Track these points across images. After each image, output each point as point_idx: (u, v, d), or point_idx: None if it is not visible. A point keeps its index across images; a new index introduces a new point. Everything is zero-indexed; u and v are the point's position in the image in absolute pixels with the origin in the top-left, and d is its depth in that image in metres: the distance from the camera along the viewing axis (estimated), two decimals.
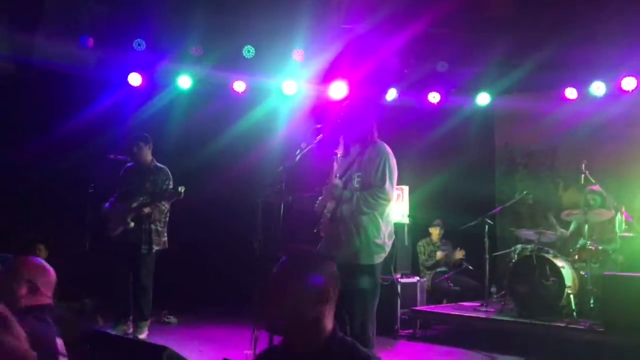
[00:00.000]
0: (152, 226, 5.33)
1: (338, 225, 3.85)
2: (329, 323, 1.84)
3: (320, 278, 1.84)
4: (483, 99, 8.03)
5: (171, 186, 5.38)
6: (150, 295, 5.42)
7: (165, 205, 5.36)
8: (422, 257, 7.57)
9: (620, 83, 7.02)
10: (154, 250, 5.37)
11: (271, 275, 1.87)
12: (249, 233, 3.55)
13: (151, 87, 7.34)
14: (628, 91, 7.07)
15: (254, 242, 3.50)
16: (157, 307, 5.96)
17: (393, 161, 3.89)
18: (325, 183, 4.13)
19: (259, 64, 7.23)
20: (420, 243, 7.61)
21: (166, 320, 6.40)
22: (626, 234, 5.91)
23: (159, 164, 5.60)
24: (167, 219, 5.45)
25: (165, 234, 5.47)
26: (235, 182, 6.91)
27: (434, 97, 8.05)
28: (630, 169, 7.13)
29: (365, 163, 3.87)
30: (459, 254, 7.35)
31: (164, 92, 7.39)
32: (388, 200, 3.84)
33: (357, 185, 3.85)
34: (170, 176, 5.49)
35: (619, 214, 5.82)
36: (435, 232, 7.60)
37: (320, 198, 3.98)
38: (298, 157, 3.73)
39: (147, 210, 5.28)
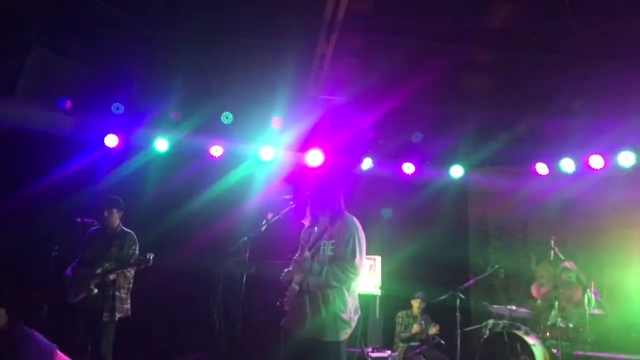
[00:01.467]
0: (116, 293, 5.18)
1: (304, 298, 3.78)
2: None
3: None
4: (456, 171, 8.17)
5: (137, 252, 5.27)
6: None
7: (131, 272, 5.23)
8: (398, 328, 7.42)
9: (587, 161, 7.21)
10: (116, 318, 5.19)
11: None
12: (210, 304, 3.45)
13: (127, 149, 7.34)
14: (595, 169, 7.26)
15: (214, 316, 3.40)
16: None
17: (362, 234, 3.88)
18: (293, 252, 4.10)
19: (237, 130, 7.31)
20: (399, 314, 7.48)
21: None
22: (596, 312, 5.89)
23: (125, 228, 5.51)
24: (131, 285, 5.31)
25: (129, 301, 5.31)
26: (206, 249, 6.79)
27: (408, 168, 8.16)
28: (598, 245, 7.23)
29: (334, 234, 3.85)
30: (434, 329, 7.22)
31: (140, 155, 7.38)
32: (357, 274, 3.80)
33: (330, 254, 3.81)
34: (136, 241, 5.40)
35: (588, 291, 5.82)
36: (416, 304, 7.48)
37: (286, 270, 3.92)
38: (264, 227, 3.70)
39: (112, 276, 5.14)
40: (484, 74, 7.18)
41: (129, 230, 5.50)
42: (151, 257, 5.05)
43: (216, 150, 7.51)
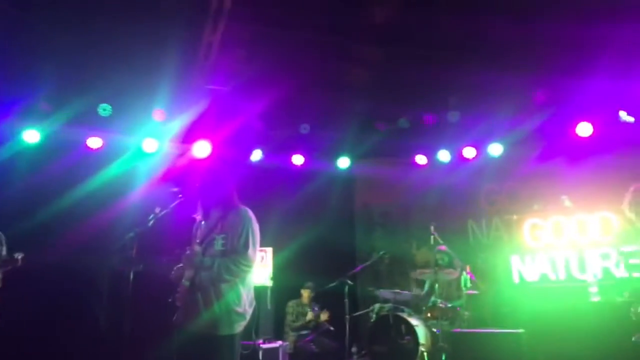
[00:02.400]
0: None
1: (196, 293, 3.67)
2: None
3: None
4: (343, 162, 8.40)
5: (4, 252, 4.82)
6: None
7: None
8: (289, 318, 7.48)
9: (462, 152, 7.74)
10: None
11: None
12: (94, 305, 3.24)
13: None
14: (469, 159, 7.81)
15: (100, 315, 3.20)
16: None
17: (256, 226, 3.83)
18: (183, 247, 3.96)
19: (117, 122, 6.90)
20: (290, 303, 7.55)
21: None
22: (471, 292, 6.37)
23: None
24: None
25: None
26: (83, 247, 6.34)
27: (297, 160, 8.24)
28: (472, 231, 7.86)
29: (227, 228, 3.77)
30: (325, 316, 7.39)
31: (6, 146, 6.72)
32: (250, 267, 3.75)
33: (222, 248, 3.71)
34: (3, 240, 4.93)
35: (464, 273, 6.27)
36: (306, 294, 7.59)
37: (176, 266, 3.78)
38: (151, 222, 3.54)
39: None
40: (367, 68, 7.42)
41: None
42: (20, 258, 4.65)
43: (94, 142, 7.05)
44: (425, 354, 5.89)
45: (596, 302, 5.18)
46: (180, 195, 3.83)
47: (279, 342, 6.77)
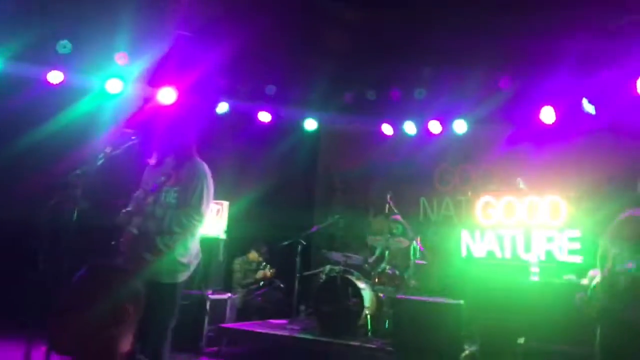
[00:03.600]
0: None
1: (142, 241, 3.65)
2: (125, 344, 1.71)
3: (119, 295, 1.70)
4: (310, 124, 8.36)
5: None
6: None
7: None
8: (237, 275, 7.55)
9: (427, 125, 7.79)
10: None
11: (65, 289, 1.72)
12: (33, 242, 3.18)
13: None
14: (434, 134, 7.88)
15: (39, 253, 3.15)
16: None
17: (210, 182, 3.81)
18: (132, 192, 3.91)
19: (78, 61, 6.65)
20: (237, 261, 7.59)
21: None
22: (420, 262, 6.52)
23: None
24: None
25: None
26: (39, 188, 6.16)
27: (264, 117, 8.17)
28: (428, 205, 8.03)
29: (182, 180, 3.73)
30: (270, 272, 7.47)
31: None
32: (202, 221, 3.75)
33: (174, 202, 3.69)
34: None
35: (414, 243, 6.40)
36: (253, 254, 7.64)
37: (124, 210, 3.74)
38: (100, 161, 3.47)
39: None
40: (342, 29, 7.30)
41: None
42: None
43: (55, 77, 6.80)
44: (369, 317, 6.04)
45: (536, 281, 5.37)
46: (133, 137, 3.75)
47: (228, 294, 6.85)
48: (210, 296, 6.38)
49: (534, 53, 6.17)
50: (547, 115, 6.98)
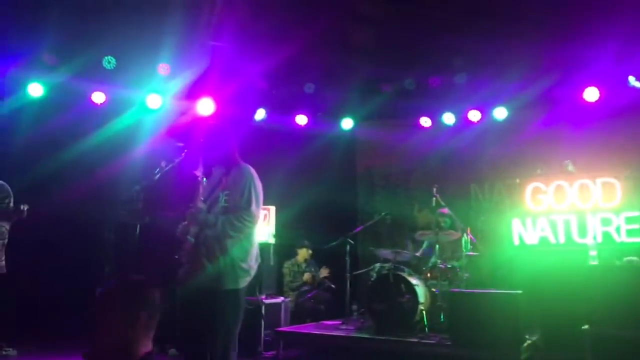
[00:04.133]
0: None
1: (201, 250, 3.72)
2: (143, 346, 1.93)
3: (134, 303, 1.94)
4: (347, 123, 8.38)
5: (12, 204, 4.86)
6: None
7: (5, 227, 4.82)
8: (287, 279, 7.61)
9: (467, 114, 7.70)
10: None
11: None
12: (100, 255, 3.28)
13: None
14: (474, 122, 7.79)
15: (105, 266, 3.25)
16: None
17: (258, 183, 3.86)
18: (188, 204, 3.99)
19: (121, 76, 6.87)
20: (286, 264, 7.66)
21: (4, 352, 5.75)
22: (471, 253, 6.44)
23: None
24: (7, 240, 4.90)
25: (3, 258, 4.91)
26: (87, 199, 6.38)
27: (301, 120, 8.22)
28: (475, 194, 7.89)
29: (230, 185, 3.79)
30: (324, 272, 7.51)
31: (11, 99, 6.70)
32: (254, 222, 3.79)
33: (226, 205, 3.74)
34: (11, 193, 4.96)
35: (465, 235, 6.32)
36: (302, 253, 7.70)
37: (182, 223, 3.82)
38: (157, 175, 3.55)
39: None
40: (373, 28, 7.29)
41: (1, 182, 5.04)
42: (25, 209, 4.68)
43: (98, 97, 7.02)
44: (424, 312, 6.00)
45: (594, 265, 5.23)
46: (185, 151, 3.83)
47: (281, 298, 6.92)
48: (265, 301, 6.45)
49: (576, 32, 6.02)
50: (591, 94, 6.82)
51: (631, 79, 6.14)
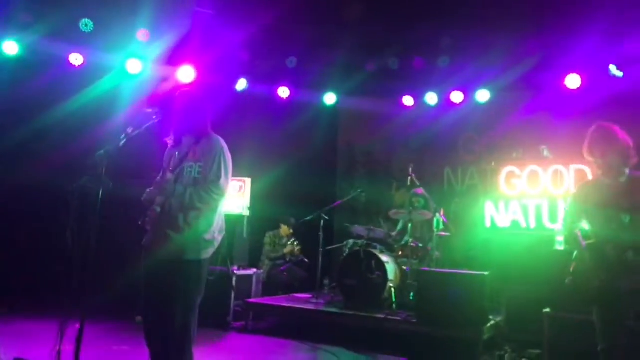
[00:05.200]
0: None
1: (165, 219, 3.69)
2: None
3: None
4: (330, 98, 8.32)
5: None
6: None
7: None
8: (267, 248, 7.63)
9: (449, 95, 7.68)
10: None
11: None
12: (63, 221, 3.26)
13: None
14: (456, 103, 7.77)
15: (67, 231, 3.22)
16: None
17: (228, 155, 3.80)
18: (155, 171, 3.95)
19: (99, 40, 6.72)
20: (268, 234, 7.68)
21: None
22: (443, 234, 6.49)
23: None
24: None
25: None
26: (62, 167, 6.29)
27: (283, 92, 8.14)
28: (452, 176, 7.94)
29: (199, 156, 3.75)
30: (297, 249, 7.54)
31: None
32: (222, 195, 3.74)
33: (197, 176, 3.70)
34: None
35: (437, 215, 6.36)
36: (284, 229, 7.71)
37: (148, 190, 3.78)
38: (123, 141, 3.50)
39: None
40: (358, 3, 7.19)
41: None
42: None
43: (76, 59, 6.88)
44: (393, 289, 6.07)
45: (561, 250, 5.30)
46: (154, 117, 3.76)
47: (253, 270, 6.94)
48: (236, 272, 6.47)
49: (560, 20, 5.99)
50: (572, 81, 6.82)
51: (612, 68, 6.14)
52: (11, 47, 6.58)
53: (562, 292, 4.83)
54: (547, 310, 4.84)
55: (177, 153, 3.78)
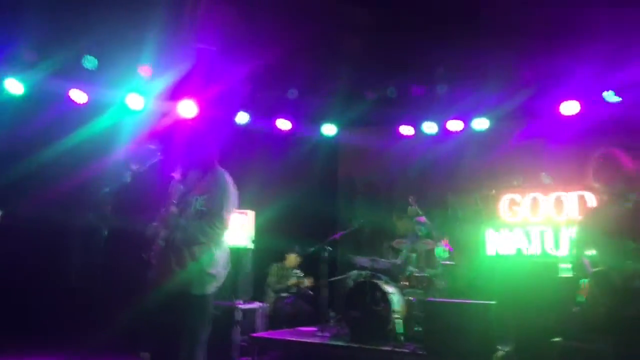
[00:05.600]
0: None
1: (170, 253, 3.69)
2: None
3: None
4: (329, 129, 8.38)
5: None
6: None
7: None
8: (271, 279, 7.58)
9: (446, 124, 7.75)
10: None
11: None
12: (66, 260, 3.24)
13: None
14: (454, 132, 7.83)
15: (71, 272, 3.21)
16: None
17: (232, 189, 3.84)
18: (159, 206, 3.96)
19: (102, 76, 6.80)
20: (274, 265, 7.66)
21: None
22: (448, 262, 6.46)
23: None
24: None
25: None
26: (63, 203, 6.29)
27: (283, 124, 8.21)
28: (453, 203, 7.91)
29: (204, 189, 3.77)
30: (308, 281, 7.51)
31: None
32: (224, 228, 3.77)
33: (200, 209, 3.72)
34: None
35: (439, 244, 6.35)
36: (291, 258, 7.68)
37: (153, 224, 3.79)
38: (128, 178, 3.53)
39: None
40: (358, 35, 7.31)
41: None
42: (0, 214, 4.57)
43: (78, 96, 6.95)
44: (400, 321, 6.00)
45: (566, 277, 5.27)
46: (159, 154, 3.81)
47: (258, 304, 6.88)
48: (240, 306, 6.41)
49: (556, 46, 6.10)
50: (568, 108, 6.89)
51: (605, 95, 6.22)
52: (14, 86, 6.66)
53: (571, 320, 4.81)
54: (557, 339, 4.77)
55: (182, 186, 3.80)
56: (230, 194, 3.78)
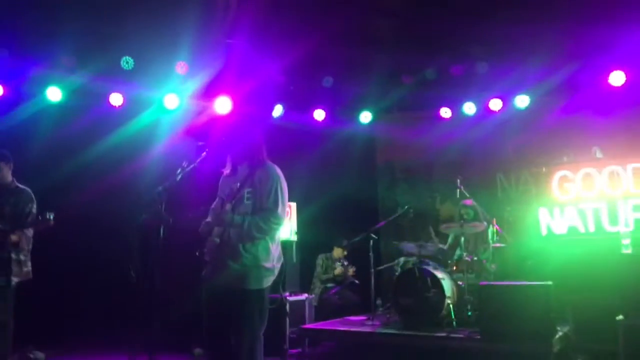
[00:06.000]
0: (13, 255, 4.75)
1: (225, 249, 3.67)
2: None
3: None
4: (366, 117, 8.28)
5: (34, 210, 4.86)
6: (10, 332, 4.82)
7: (30, 233, 4.83)
8: (318, 270, 7.58)
9: (488, 104, 7.56)
10: (13, 283, 4.80)
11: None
12: (125, 258, 3.26)
13: (15, 98, 6.65)
14: (495, 111, 7.64)
15: (131, 269, 3.22)
16: (21, 343, 5.37)
17: (284, 184, 3.79)
18: (210, 203, 3.95)
19: (139, 76, 6.86)
20: (320, 256, 7.65)
21: (32, 356, 5.81)
22: (498, 245, 6.31)
23: (20, 185, 5.04)
24: (31, 246, 4.91)
25: (29, 263, 4.92)
26: (107, 202, 6.38)
27: (319, 115, 8.15)
28: (499, 184, 7.75)
29: (256, 184, 3.73)
30: (351, 271, 7.46)
31: (30, 104, 6.74)
32: (280, 224, 3.72)
33: (256, 205, 3.68)
34: (34, 199, 4.97)
35: (490, 226, 6.20)
36: (338, 251, 7.65)
37: (205, 220, 3.78)
38: (179, 176, 3.51)
39: (14, 237, 4.71)
40: (391, 19, 7.18)
41: (24, 187, 5.04)
42: (51, 217, 4.63)
43: (116, 99, 7.02)
44: (451, 306, 5.90)
45: (627, 254, 5.09)
46: (206, 150, 3.78)
47: (305, 295, 6.87)
48: (288, 298, 6.40)
49: (600, 15, 5.85)
50: (617, 78, 6.64)
51: None
52: (55, 94, 6.75)
53: (635, 298, 4.64)
54: (621, 317, 4.62)
55: (233, 182, 3.77)
56: (284, 189, 3.73)
